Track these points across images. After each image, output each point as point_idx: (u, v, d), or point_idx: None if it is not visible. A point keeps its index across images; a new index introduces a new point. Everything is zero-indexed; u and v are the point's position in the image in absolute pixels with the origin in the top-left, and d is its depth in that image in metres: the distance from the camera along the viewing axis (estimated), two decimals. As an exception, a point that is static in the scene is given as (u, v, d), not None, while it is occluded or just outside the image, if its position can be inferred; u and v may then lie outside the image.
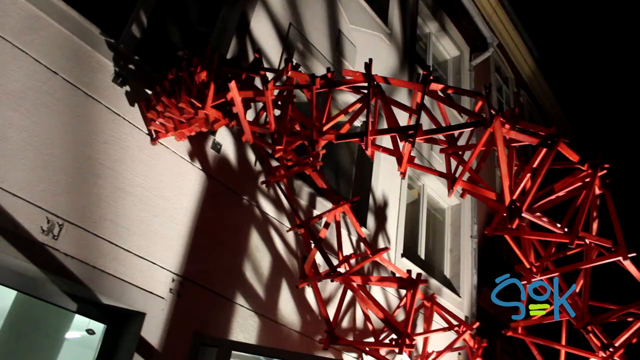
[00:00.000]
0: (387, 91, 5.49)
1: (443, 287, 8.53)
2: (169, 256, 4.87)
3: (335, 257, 6.20)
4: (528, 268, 5.73)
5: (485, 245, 10.91)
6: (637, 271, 5.47)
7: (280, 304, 5.76)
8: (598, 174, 5.41)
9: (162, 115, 4.82)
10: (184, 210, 5.12)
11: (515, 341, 10.79)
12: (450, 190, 4.84)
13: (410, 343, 4.89)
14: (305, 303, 6.00)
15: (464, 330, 6.55)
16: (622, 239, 5.30)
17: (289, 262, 5.96)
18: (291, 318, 5.82)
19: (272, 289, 5.72)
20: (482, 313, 9.83)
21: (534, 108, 16.58)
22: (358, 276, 5.46)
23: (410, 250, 8.34)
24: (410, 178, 9.02)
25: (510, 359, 10.97)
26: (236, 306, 5.32)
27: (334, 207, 5.82)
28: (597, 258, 5.51)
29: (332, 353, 6.03)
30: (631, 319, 5.77)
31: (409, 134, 4.28)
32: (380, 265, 7.01)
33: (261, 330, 5.49)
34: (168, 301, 4.74)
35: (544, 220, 5.08)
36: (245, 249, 5.59)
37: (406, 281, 5.48)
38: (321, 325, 5.84)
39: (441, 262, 9.40)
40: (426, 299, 6.87)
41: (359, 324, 6.56)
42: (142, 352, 4.43)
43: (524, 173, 4.89)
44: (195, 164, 5.34)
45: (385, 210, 7.71)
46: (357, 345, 5.79)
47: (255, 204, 5.82)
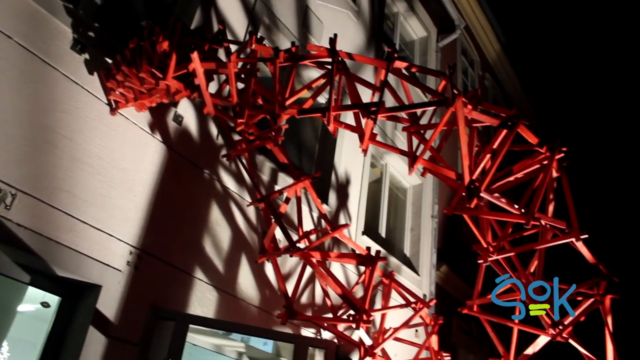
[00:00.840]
0: (352, 69, 5.47)
1: (402, 265, 8.63)
2: (126, 228, 4.80)
3: (296, 232, 6.21)
4: (485, 247, 5.84)
5: (445, 225, 11.07)
6: (589, 252, 5.62)
7: (240, 278, 5.75)
8: (556, 157, 5.52)
9: (122, 85, 4.72)
10: (143, 183, 5.04)
11: (471, 319, 11.02)
12: (410, 168, 4.87)
13: (368, 319, 4.95)
14: (264, 278, 6.01)
15: (421, 307, 6.65)
16: (575, 221, 5.43)
17: (249, 237, 5.95)
18: (250, 293, 5.82)
19: (232, 263, 5.71)
20: (440, 291, 10.01)
21: (498, 92, 16.78)
22: (317, 252, 5.49)
23: (371, 228, 8.40)
24: (373, 157, 9.06)
25: (466, 337, 11.21)
26: (195, 280, 5.29)
27: (294, 183, 5.81)
28: (552, 239, 5.64)
29: (291, 328, 6.07)
30: (581, 298, 5.94)
31: (371, 110, 4.28)
32: (341, 243, 7.05)
33: (220, 305, 5.48)
34: (125, 274, 4.68)
35: (502, 201, 5.16)
36: (205, 223, 5.55)
37: (365, 258, 5.52)
38: (280, 301, 5.86)
39: (401, 241, 9.51)
40: (385, 277, 6.95)
41: (318, 300, 6.61)
42: (97, 325, 4.38)
43: (483, 154, 4.95)
44: (156, 136, 5.25)
45: (347, 188, 7.74)
46: (315, 320, 5.83)
47: (216, 178, 5.78)
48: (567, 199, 5.60)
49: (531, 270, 6.04)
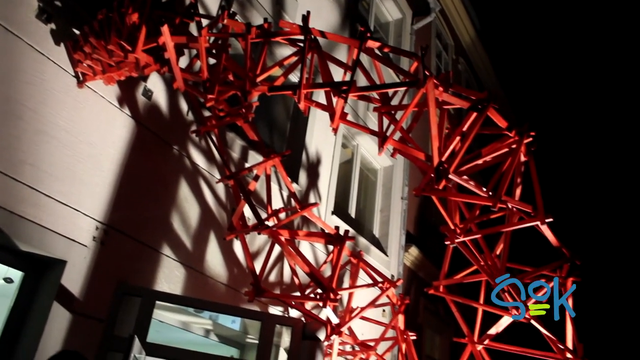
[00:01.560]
0: (326, 49, 5.44)
1: (371, 246, 8.69)
2: (93, 203, 4.73)
3: (265, 210, 6.20)
4: (452, 229, 5.92)
5: (415, 207, 11.17)
6: (553, 236, 5.72)
7: (208, 255, 5.73)
8: (524, 141, 5.59)
9: (90, 57, 4.62)
10: (110, 157, 4.97)
11: (438, 300, 11.18)
12: (380, 148, 4.89)
13: (335, 298, 4.98)
14: (232, 256, 5.99)
15: (388, 287, 6.71)
16: (541, 205, 5.52)
17: (217, 214, 5.92)
18: (218, 270, 5.80)
19: (200, 240, 5.68)
20: (408, 273, 10.13)
21: (472, 76, 16.88)
22: (286, 230, 5.49)
23: (341, 208, 8.43)
24: (345, 137, 9.06)
25: (432, 317, 11.38)
26: (162, 257, 5.26)
27: (264, 160, 5.79)
28: (518, 222, 5.73)
29: (258, 306, 6.08)
30: (544, 279, 6.06)
31: (342, 89, 4.27)
32: (310, 222, 7.06)
33: (187, 282, 5.46)
34: (91, 249, 4.63)
35: (471, 183, 5.22)
36: (173, 199, 5.50)
37: (333, 237, 5.54)
38: (248, 278, 5.86)
39: (371, 222, 9.56)
40: (353, 256, 6.99)
41: (286, 279, 6.63)
42: (62, 300, 4.32)
43: (453, 136, 4.99)
44: (125, 110, 5.17)
45: (317, 168, 7.74)
46: (283, 298, 5.85)
47: (186, 154, 5.72)
48: (533, 183, 5.69)
49: (497, 253, 6.13)
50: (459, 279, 6.48)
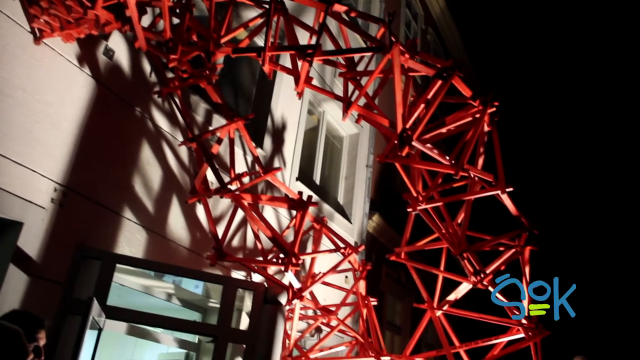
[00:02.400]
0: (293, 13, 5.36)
1: (335, 212, 8.73)
2: (51, 164, 4.61)
3: (228, 175, 6.14)
4: (415, 197, 5.98)
5: (379, 175, 11.24)
6: (513, 205, 5.83)
7: (170, 219, 5.68)
8: (488, 110, 5.64)
9: (47, 13, 4.45)
10: (69, 118, 4.83)
11: (400, 267, 11.36)
12: (344, 114, 4.88)
13: (297, 262, 5.01)
14: (195, 219, 5.95)
15: (350, 252, 6.77)
16: (502, 174, 5.61)
17: (180, 178, 5.85)
18: (180, 234, 5.76)
19: (162, 204, 5.62)
20: (371, 240, 10.23)
21: (440, 48, 16.89)
22: (249, 194, 5.46)
23: (306, 174, 8.43)
24: (311, 103, 9.01)
25: (394, 284, 11.57)
26: (123, 220, 5.19)
27: (227, 123, 5.72)
28: (479, 191, 5.82)
29: (221, 270, 6.07)
30: (502, 248, 6.19)
31: (307, 52, 4.22)
32: (274, 187, 7.04)
33: (148, 245, 5.41)
34: (49, 211, 4.53)
35: (434, 151, 5.26)
36: (135, 162, 5.41)
37: (297, 202, 5.54)
38: (210, 243, 5.83)
39: (335, 189, 9.59)
40: (316, 222, 7.01)
41: (249, 244, 6.62)
42: (18, 263, 4.23)
43: (418, 103, 5.00)
44: (85, 70, 5.02)
45: (282, 133, 7.70)
46: (245, 262, 5.85)
47: (148, 116, 5.61)
48: (496, 153, 5.77)
49: (458, 221, 6.23)
50: (421, 246, 6.58)
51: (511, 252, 6.05)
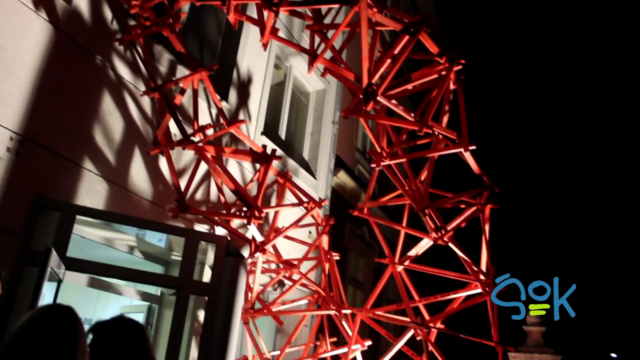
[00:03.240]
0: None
1: (300, 168, 8.73)
2: (6, 112, 4.46)
3: (191, 127, 6.05)
4: (379, 152, 5.99)
5: (345, 132, 11.23)
6: (475, 163, 5.90)
7: (132, 171, 5.59)
8: (454, 68, 5.65)
9: (0, -48, 4.25)
10: (25, 64, 4.66)
11: (363, 224, 11.48)
12: (310, 66, 4.82)
13: (260, 215, 5.00)
14: (157, 172, 5.88)
15: (313, 207, 6.80)
16: (466, 132, 5.66)
17: (142, 129, 5.74)
18: (142, 186, 5.69)
19: (123, 155, 5.52)
20: (335, 196, 10.28)
21: (410, 5, 16.74)
22: (212, 146, 5.40)
23: (271, 129, 8.37)
24: (278, 58, 8.88)
25: (357, 240, 11.70)
26: (83, 170, 5.08)
27: (191, 74, 5.61)
28: (442, 148, 5.87)
29: (184, 224, 6.04)
30: (464, 206, 6.28)
31: (273, 2, 4.13)
32: (239, 141, 6.97)
33: (110, 197, 5.34)
34: (5, 161, 4.40)
35: (399, 108, 5.27)
36: (95, 112, 5.28)
37: (260, 155, 5.51)
38: (174, 196, 5.76)
39: (301, 145, 9.57)
40: (280, 176, 6.99)
41: (213, 197, 6.59)
42: (-28, 212, 4.15)
43: (384, 58, 4.97)
44: (41, 14, 4.82)
45: (248, 87, 7.59)
46: (207, 215, 5.82)
47: (109, 65, 5.45)
48: (460, 112, 5.80)
49: (421, 179, 6.28)
50: (384, 201, 6.64)
51: (472, 209, 6.14)
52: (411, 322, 5.66)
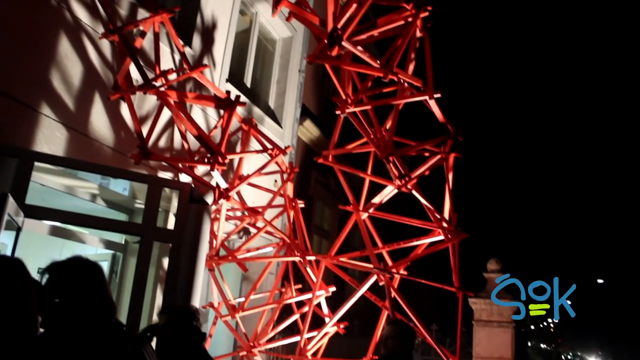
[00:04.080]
0: None
1: (266, 116, 8.65)
2: (-43, 55, 4.30)
3: (152, 71, 5.90)
4: (344, 99, 5.96)
5: (312, 81, 11.14)
6: (440, 111, 5.93)
7: (92, 117, 5.46)
8: (420, 15, 5.60)
9: None
10: (-24, 5, 4.46)
11: (329, 174, 11.52)
12: (274, 9, 4.73)
13: (223, 161, 4.97)
14: (119, 118, 5.75)
15: (277, 153, 6.77)
16: (431, 80, 5.66)
17: (102, 74, 5.58)
18: (103, 132, 5.57)
19: (83, 100, 5.38)
20: (301, 145, 10.26)
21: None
22: (174, 92, 5.29)
23: (236, 76, 8.24)
24: (244, 3, 8.66)
25: (323, 189, 11.76)
26: (41, 116, 4.95)
27: (151, 15, 5.44)
28: (407, 96, 5.87)
29: (147, 171, 5.96)
30: (428, 154, 6.33)
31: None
32: (203, 87, 6.84)
33: (70, 144, 5.22)
34: (-43, 105, 4.26)
35: (365, 54, 5.22)
36: (52, 56, 5.10)
37: (224, 101, 5.43)
38: (136, 143, 5.67)
39: (267, 93, 9.45)
40: (244, 123, 6.92)
41: (177, 145, 6.49)
42: None
43: (350, 2, 4.89)
44: (-9, -48, 4.59)
45: (213, 33, 7.41)
46: (171, 161, 5.76)
47: (66, 7, 5.24)
48: (426, 59, 5.79)
49: (387, 127, 6.29)
50: (348, 149, 6.64)
51: (436, 158, 6.20)
52: (374, 267, 5.75)
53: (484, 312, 9.61)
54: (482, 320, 9.60)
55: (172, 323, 3.73)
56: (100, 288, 2.27)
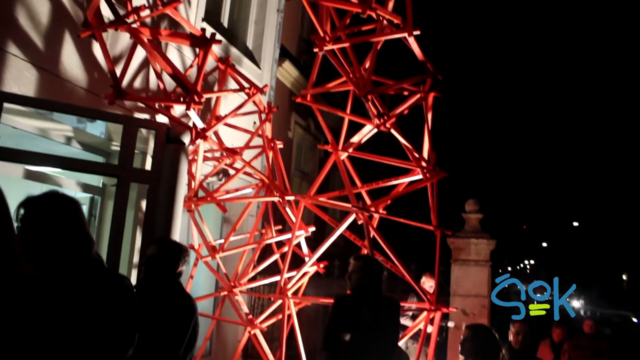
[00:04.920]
0: None
1: (244, 57, 8.48)
2: None
3: (124, 8, 5.70)
4: (322, 37, 5.85)
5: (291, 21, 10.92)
6: (419, 49, 5.85)
7: (63, 56, 5.30)
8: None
9: None
10: None
11: (309, 116, 11.46)
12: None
13: (199, 100, 4.88)
14: (91, 57, 5.59)
15: (255, 92, 6.67)
16: (410, 17, 5.56)
17: (71, 10, 5.38)
18: (76, 72, 5.42)
19: (53, 39, 5.20)
20: (280, 87, 10.14)
21: None
22: (147, 29, 5.14)
23: (213, 16, 8.02)
24: (218, -62, 8.37)
25: (303, 132, 11.71)
26: (8, 55, 4.78)
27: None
28: (386, 33, 5.77)
29: (123, 113, 5.84)
30: (407, 93, 6.29)
31: None
32: (179, 26, 6.63)
33: (40, 84, 5.08)
34: None
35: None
36: (18, -9, 4.90)
37: (199, 39, 5.29)
38: (110, 83, 5.53)
39: (244, 33, 9.24)
40: (220, 62, 6.78)
41: (152, 86, 6.35)
42: None
43: None
44: None
45: (186, -32, 7.16)
46: (146, 101, 5.64)
47: (30, -62, 5.01)
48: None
49: (365, 66, 6.21)
50: (327, 87, 6.56)
51: (415, 97, 6.16)
52: (352, 206, 5.77)
53: (462, 252, 9.77)
54: (459, 259, 9.77)
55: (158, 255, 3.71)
56: (77, 222, 2.23)
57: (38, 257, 2.14)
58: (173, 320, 3.31)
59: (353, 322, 3.96)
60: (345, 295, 4.34)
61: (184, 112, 5.92)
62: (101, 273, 2.24)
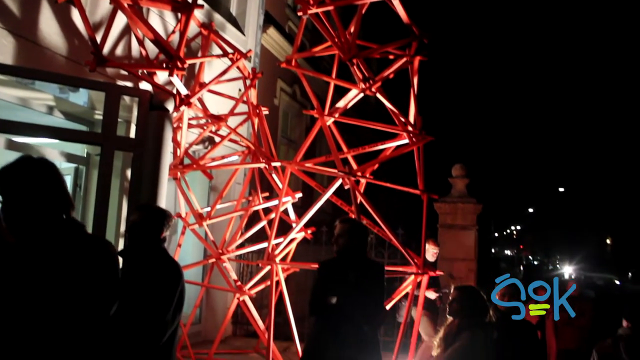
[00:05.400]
0: None
1: (227, 23, 8.36)
2: None
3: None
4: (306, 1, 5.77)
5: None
6: (404, 11, 5.80)
7: (41, 23, 5.19)
8: None
9: None
10: None
11: (295, 83, 11.36)
12: None
13: (182, 66, 4.81)
14: (71, 24, 5.48)
15: (239, 58, 6.59)
16: (396, -22, 5.48)
17: (48, -24, 5.27)
18: (55, 40, 5.32)
19: (30, 5, 5.08)
20: (265, 53, 10.02)
21: None
22: (128, -5, 5.03)
23: (194, -19, 7.87)
24: None
25: (289, 99, 11.62)
26: (-15, 22, 4.68)
27: None
28: (371, -5, 5.70)
29: (105, 80, 5.76)
30: (393, 57, 6.23)
31: None
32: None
33: (19, 53, 4.98)
34: None
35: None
36: (-8, -45, 4.77)
37: (181, 4, 5.19)
38: (91, 50, 5.43)
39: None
40: (203, 27, 6.67)
41: (134, 53, 6.26)
42: None
43: None
44: None
45: None
46: (128, 68, 5.56)
47: None
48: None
49: (350, 31, 6.14)
50: (312, 52, 6.49)
51: (401, 61, 6.12)
52: (339, 171, 5.76)
53: (449, 216, 9.84)
54: (446, 223, 9.84)
55: (141, 221, 3.68)
56: (54, 185, 2.19)
57: (18, 224, 2.11)
58: (159, 285, 3.30)
59: (339, 286, 3.96)
60: (330, 259, 4.34)
61: (167, 79, 5.84)
62: (81, 235, 2.22)
